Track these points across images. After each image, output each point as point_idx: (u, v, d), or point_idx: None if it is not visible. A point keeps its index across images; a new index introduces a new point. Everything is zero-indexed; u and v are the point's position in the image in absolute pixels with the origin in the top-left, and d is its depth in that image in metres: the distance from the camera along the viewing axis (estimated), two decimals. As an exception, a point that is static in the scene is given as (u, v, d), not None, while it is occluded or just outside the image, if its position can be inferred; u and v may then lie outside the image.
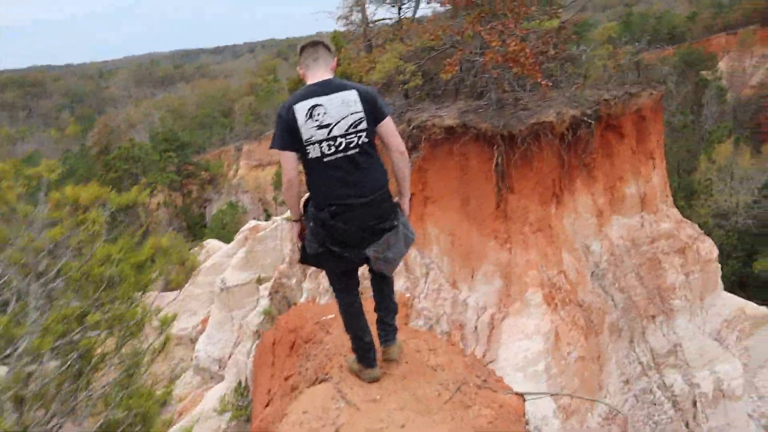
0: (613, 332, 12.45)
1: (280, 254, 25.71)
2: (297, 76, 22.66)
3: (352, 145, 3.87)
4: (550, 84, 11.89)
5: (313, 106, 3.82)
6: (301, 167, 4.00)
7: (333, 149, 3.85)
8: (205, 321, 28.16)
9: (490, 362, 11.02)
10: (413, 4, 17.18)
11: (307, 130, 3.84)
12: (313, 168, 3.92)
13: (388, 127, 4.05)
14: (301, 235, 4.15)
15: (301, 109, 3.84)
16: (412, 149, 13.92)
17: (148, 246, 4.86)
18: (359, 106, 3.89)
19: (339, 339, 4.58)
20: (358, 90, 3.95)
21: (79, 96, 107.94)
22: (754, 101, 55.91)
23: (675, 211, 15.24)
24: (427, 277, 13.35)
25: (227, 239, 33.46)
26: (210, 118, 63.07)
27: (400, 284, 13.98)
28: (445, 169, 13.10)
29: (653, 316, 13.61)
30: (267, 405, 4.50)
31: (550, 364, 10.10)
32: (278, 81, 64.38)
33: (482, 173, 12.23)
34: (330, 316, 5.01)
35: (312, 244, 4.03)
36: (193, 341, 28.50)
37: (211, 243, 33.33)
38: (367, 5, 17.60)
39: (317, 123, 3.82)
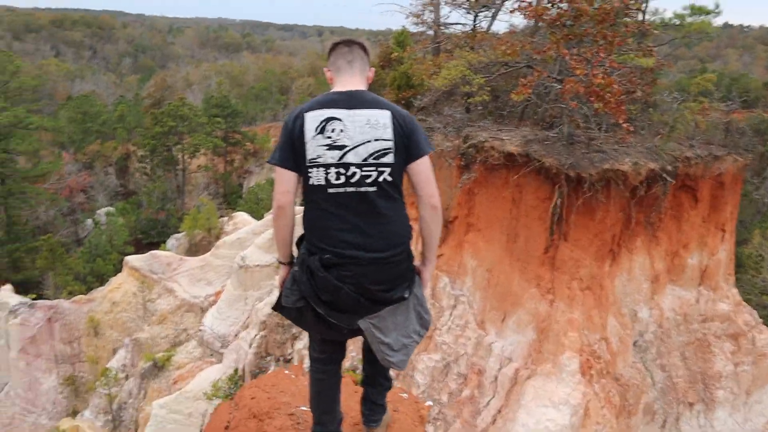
0: (646, 414, 11.16)
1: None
2: None
3: (368, 181, 2.94)
4: (632, 129, 10.65)
5: (328, 119, 2.95)
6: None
7: (343, 179, 2.93)
8: (218, 294, 27.61)
9: (506, 423, 9.87)
10: (491, 14, 16.08)
11: (314, 148, 2.93)
12: (312, 198, 3.01)
13: (423, 169, 3.06)
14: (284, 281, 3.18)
15: (312, 120, 2.96)
16: (463, 168, 12.83)
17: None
18: (389, 133, 2.96)
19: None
20: (393, 112, 3.02)
21: (144, 47, 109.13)
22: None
23: (735, 292, 13.81)
24: (454, 310, 12.24)
25: (258, 215, 32.72)
26: (266, 92, 62.67)
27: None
28: (496, 198, 11.97)
29: (692, 404, 12.25)
30: None
31: (573, 443, 8.90)
32: None
33: (536, 212, 11.07)
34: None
35: (290, 294, 3.06)
36: (203, 311, 28.02)
37: (241, 216, 32.71)
38: (441, 6, 16.59)
39: (329, 141, 2.92)
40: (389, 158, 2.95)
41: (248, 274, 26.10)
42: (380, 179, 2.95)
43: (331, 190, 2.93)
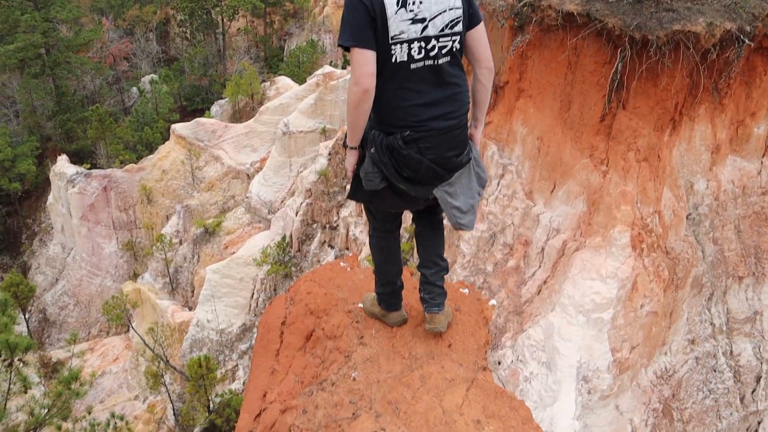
0: (694, 287, 11.03)
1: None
2: None
3: (444, 51, 2.98)
4: (708, -17, 9.57)
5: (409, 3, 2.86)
6: None
7: (423, 53, 2.94)
8: (264, 160, 27.99)
9: (551, 294, 9.90)
10: None
11: (397, 24, 2.87)
12: (391, 76, 2.96)
13: (482, 35, 3.15)
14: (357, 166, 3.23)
15: None
16: (517, 30, 11.98)
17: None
18: (458, 1, 2.99)
19: (374, 365, 3.31)
20: None
21: None
22: None
23: (802, 164, 13.05)
24: (502, 179, 11.97)
25: (300, 79, 32.21)
26: None
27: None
28: (550, 61, 11.21)
29: (741, 277, 12.03)
30: (258, 415, 3.38)
31: (618, 314, 8.91)
32: None
33: (594, 77, 10.34)
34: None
35: (373, 178, 3.12)
36: (250, 177, 28.62)
37: (283, 80, 32.34)
38: None
39: (411, 15, 2.87)
40: (459, 27, 3.00)
41: (292, 140, 26.04)
42: (453, 49, 3.00)
43: (413, 66, 2.94)
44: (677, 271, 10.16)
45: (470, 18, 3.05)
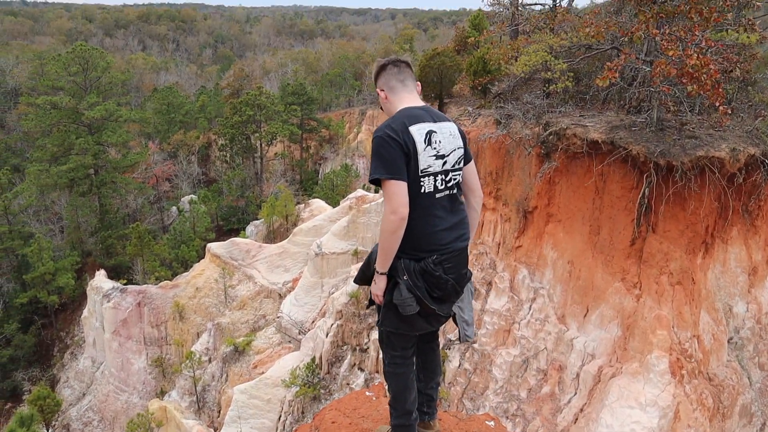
0: (743, 416, 10.44)
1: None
2: (431, 51, 20.41)
3: (454, 183, 3.44)
4: (729, 111, 9.85)
5: (430, 132, 3.32)
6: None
7: (443, 185, 3.37)
8: (296, 280, 28.20)
9: (588, 422, 9.47)
10: (572, -9, 15.33)
11: (425, 159, 3.27)
12: (419, 205, 3.30)
13: (474, 169, 3.68)
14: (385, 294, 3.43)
15: (418, 133, 3.28)
16: (543, 157, 12.34)
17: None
18: (461, 142, 3.50)
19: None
20: (456, 124, 3.55)
21: (223, 38, 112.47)
22: None
23: None
24: (533, 303, 11.86)
25: (334, 202, 33.37)
26: (340, 78, 62.95)
27: (501, 303, 12.58)
28: (578, 187, 11.44)
29: (794, 406, 11.38)
30: None
31: (662, 447, 8.42)
32: (414, 52, 62.89)
33: (622, 202, 10.49)
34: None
35: (410, 303, 3.33)
36: (282, 297, 28.71)
37: (317, 203, 33.31)
38: (519, -15, 15.95)
39: (435, 152, 3.31)
40: (462, 163, 3.47)
41: (324, 262, 26.43)
42: (458, 181, 3.46)
43: (437, 195, 3.33)
44: (722, 398, 9.67)
45: (466, 155, 3.53)
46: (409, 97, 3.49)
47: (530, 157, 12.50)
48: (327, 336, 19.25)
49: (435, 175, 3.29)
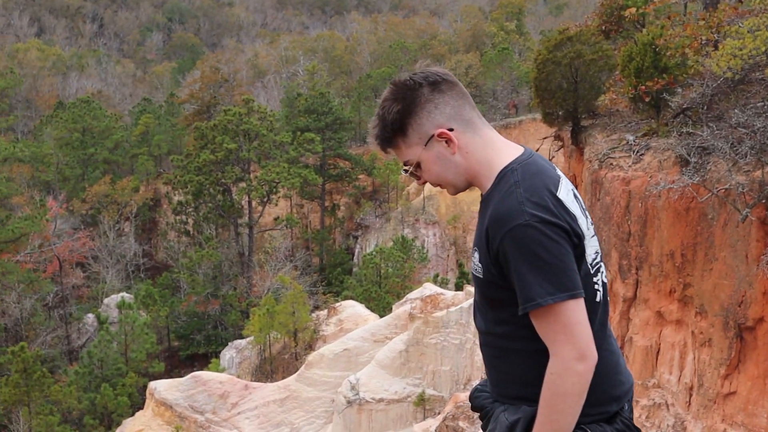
0: None
1: (468, 359, 18.25)
2: (557, 34, 14.51)
3: (604, 277, 2.30)
4: None
5: (575, 194, 2.18)
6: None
7: (600, 283, 2.24)
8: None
9: None
10: None
11: (591, 246, 2.16)
12: (596, 328, 2.25)
13: None
14: None
15: (571, 202, 2.08)
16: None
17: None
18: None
19: None
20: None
21: (182, 13, 72.60)
22: None
23: None
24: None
25: (380, 306, 23.94)
26: (390, 81, 48.06)
27: None
28: None
29: None
30: None
31: None
32: (525, 35, 45.42)
33: None
34: None
35: None
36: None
37: (351, 308, 23.11)
38: None
39: (592, 232, 2.20)
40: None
41: (364, 416, 18.96)
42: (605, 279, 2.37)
43: (603, 305, 2.27)
44: None
45: None
46: (493, 134, 2.19)
47: (747, 226, 9.76)
48: None
49: (600, 267, 2.21)
